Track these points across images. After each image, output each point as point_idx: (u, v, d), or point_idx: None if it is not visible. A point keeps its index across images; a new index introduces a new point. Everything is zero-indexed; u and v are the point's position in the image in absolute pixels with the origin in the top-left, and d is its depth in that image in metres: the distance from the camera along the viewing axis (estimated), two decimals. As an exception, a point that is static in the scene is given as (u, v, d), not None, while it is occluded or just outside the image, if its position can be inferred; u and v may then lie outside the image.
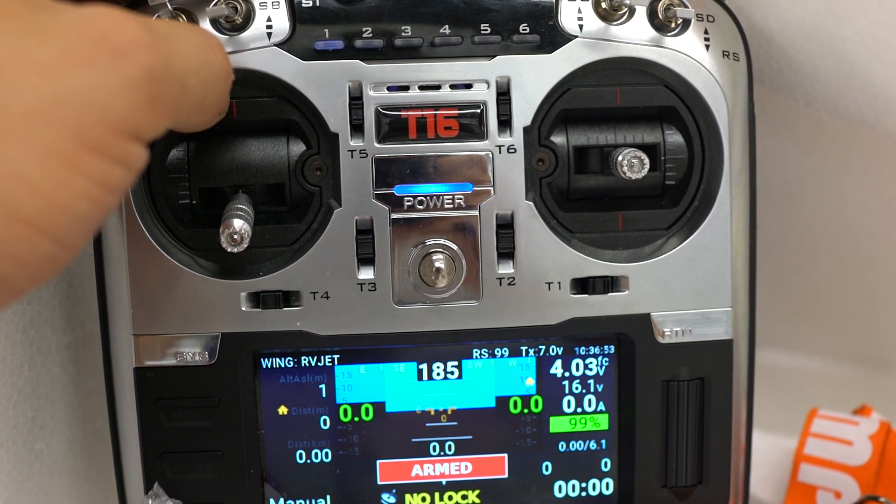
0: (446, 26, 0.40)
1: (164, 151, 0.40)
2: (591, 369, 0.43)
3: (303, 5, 0.40)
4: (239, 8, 0.40)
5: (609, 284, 0.42)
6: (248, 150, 0.41)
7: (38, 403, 0.44)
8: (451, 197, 0.41)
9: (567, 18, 0.41)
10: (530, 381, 0.43)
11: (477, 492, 0.44)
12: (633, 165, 0.40)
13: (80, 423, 0.48)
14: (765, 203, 0.52)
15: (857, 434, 0.50)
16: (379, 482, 0.43)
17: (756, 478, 0.51)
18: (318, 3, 0.40)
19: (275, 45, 0.40)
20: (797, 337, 0.64)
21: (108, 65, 0.29)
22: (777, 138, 0.54)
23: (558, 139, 0.42)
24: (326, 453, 0.43)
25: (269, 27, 0.40)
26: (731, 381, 0.43)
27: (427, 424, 0.43)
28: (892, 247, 0.57)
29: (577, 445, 0.44)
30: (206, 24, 0.39)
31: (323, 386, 0.42)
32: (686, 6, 0.41)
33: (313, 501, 0.44)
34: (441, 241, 0.40)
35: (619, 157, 0.40)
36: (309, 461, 0.43)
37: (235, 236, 0.38)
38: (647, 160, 0.40)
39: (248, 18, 0.40)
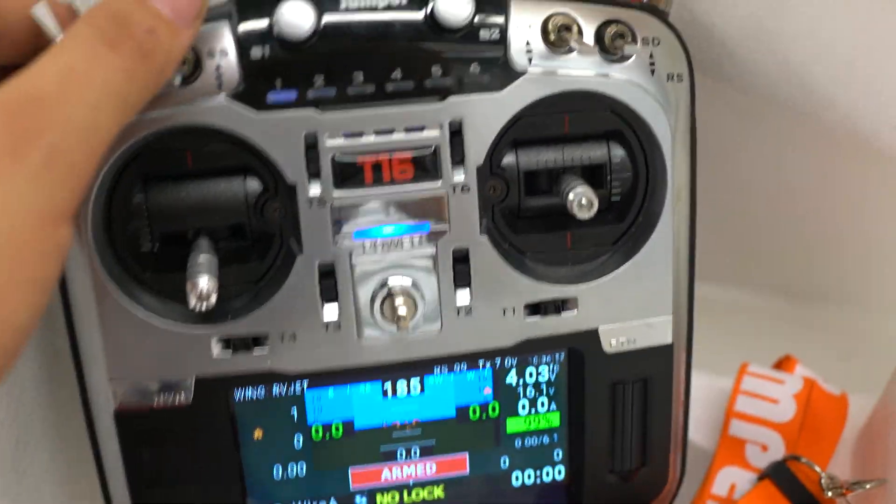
0: (398, 69, 0.40)
1: (124, 198, 0.40)
2: (543, 375, 0.47)
3: (252, 55, 0.39)
4: (187, 58, 0.39)
5: (560, 306, 0.44)
6: (205, 191, 0.41)
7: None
8: (409, 238, 0.42)
9: (516, 52, 0.41)
10: (487, 390, 0.46)
11: (441, 486, 0.48)
12: (582, 207, 0.41)
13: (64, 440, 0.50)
14: (703, 160, 0.54)
15: (783, 393, 0.54)
16: (352, 488, 0.47)
17: (691, 419, 0.56)
18: (267, 53, 0.39)
19: (226, 95, 0.39)
20: (734, 273, 0.67)
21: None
22: (714, 109, 0.56)
23: (508, 163, 0.43)
24: (302, 466, 0.46)
25: (218, 77, 0.39)
26: (672, 378, 0.47)
27: (394, 434, 0.46)
28: (822, 198, 0.60)
29: (531, 441, 0.48)
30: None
31: (294, 410, 0.45)
32: (634, 39, 0.42)
33: (292, 509, 0.47)
34: (401, 282, 0.42)
35: (571, 196, 0.41)
36: (286, 475, 0.46)
37: (202, 294, 0.39)
38: (596, 202, 0.41)
39: (197, 68, 0.39)
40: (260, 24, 0.39)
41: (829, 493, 0.50)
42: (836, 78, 0.46)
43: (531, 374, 0.46)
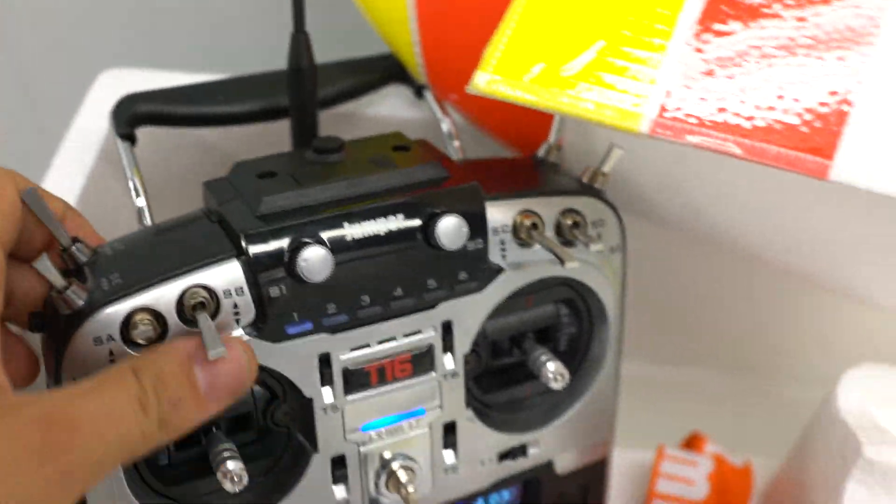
0: (399, 287, 0.44)
1: None
2: (504, 497, 0.54)
3: (270, 294, 0.42)
4: (207, 300, 0.41)
5: (525, 448, 0.51)
6: None
7: None
8: (408, 423, 0.47)
9: (493, 254, 0.46)
10: (460, 515, 0.53)
11: None
12: (557, 381, 0.48)
13: None
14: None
15: (697, 474, 0.64)
16: None
17: (612, 494, 0.62)
18: (284, 292, 0.42)
19: (243, 330, 0.42)
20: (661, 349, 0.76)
21: None
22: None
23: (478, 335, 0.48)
24: None
25: (236, 314, 0.42)
26: (605, 479, 0.56)
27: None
28: (717, 279, 0.71)
29: (492, 549, 0.56)
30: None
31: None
32: (586, 224, 0.48)
33: None
34: (401, 461, 0.47)
35: (544, 371, 0.48)
36: None
37: (235, 478, 0.42)
38: (568, 375, 0.48)
39: (218, 307, 0.41)
40: (275, 264, 0.41)
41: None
42: (733, 216, 0.55)
43: (494, 499, 0.54)
